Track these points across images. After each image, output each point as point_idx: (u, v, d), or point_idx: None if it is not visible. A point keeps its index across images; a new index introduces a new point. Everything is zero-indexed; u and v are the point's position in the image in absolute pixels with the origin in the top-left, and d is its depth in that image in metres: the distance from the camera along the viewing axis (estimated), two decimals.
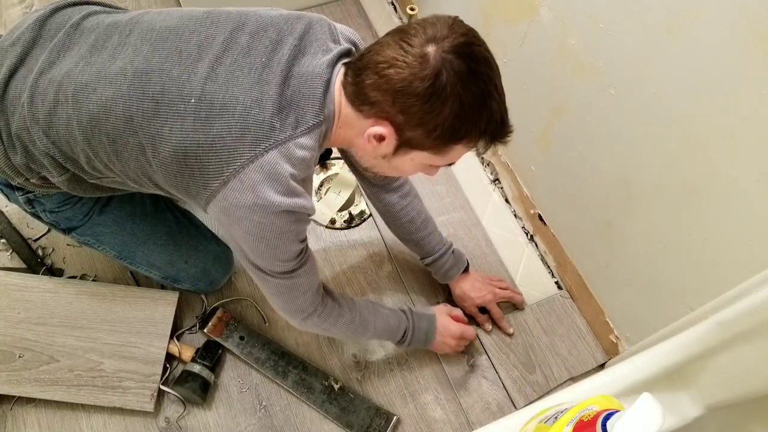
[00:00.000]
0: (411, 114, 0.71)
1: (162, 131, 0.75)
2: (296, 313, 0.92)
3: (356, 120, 0.77)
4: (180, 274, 1.16)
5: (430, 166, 0.82)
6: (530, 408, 0.82)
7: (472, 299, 1.22)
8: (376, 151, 0.78)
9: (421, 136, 0.73)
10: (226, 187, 0.73)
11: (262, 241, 0.77)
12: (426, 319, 1.12)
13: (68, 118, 0.80)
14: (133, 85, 0.76)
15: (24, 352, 1.10)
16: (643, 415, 0.55)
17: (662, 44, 0.83)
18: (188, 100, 0.73)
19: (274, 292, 0.89)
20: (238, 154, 0.72)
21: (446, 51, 0.68)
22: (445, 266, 1.20)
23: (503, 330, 1.25)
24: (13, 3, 1.74)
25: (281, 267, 0.83)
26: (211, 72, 0.74)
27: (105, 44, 0.80)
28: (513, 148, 1.36)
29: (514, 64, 1.22)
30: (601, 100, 0.99)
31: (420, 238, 1.17)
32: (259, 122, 0.72)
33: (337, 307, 0.97)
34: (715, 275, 0.87)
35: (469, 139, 0.75)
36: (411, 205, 1.14)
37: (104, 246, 1.09)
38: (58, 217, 1.02)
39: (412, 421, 1.15)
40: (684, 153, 0.86)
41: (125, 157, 0.80)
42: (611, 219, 1.08)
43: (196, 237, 1.17)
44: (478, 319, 1.25)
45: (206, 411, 1.15)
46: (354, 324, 1.00)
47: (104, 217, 1.06)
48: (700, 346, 0.78)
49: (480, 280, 1.24)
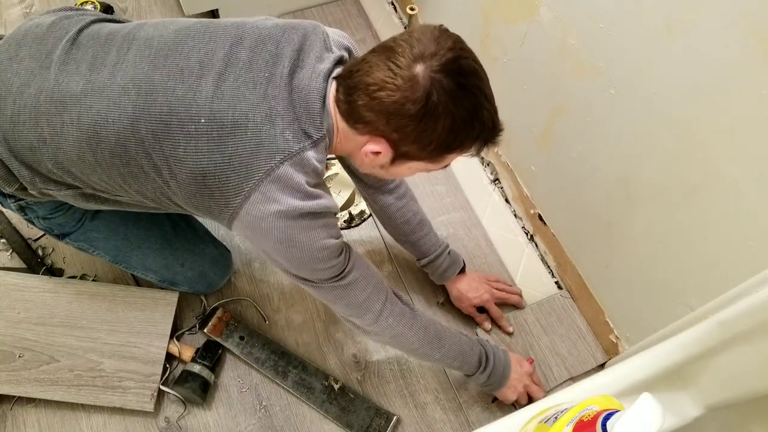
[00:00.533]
0: (406, 133, 0.73)
1: (176, 153, 0.75)
2: (366, 313, 0.89)
3: (352, 135, 0.78)
4: (177, 278, 1.15)
5: (427, 170, 0.84)
6: (530, 408, 0.82)
7: (469, 299, 1.22)
8: (374, 162, 0.80)
9: (416, 150, 0.76)
10: (247, 202, 0.74)
11: (294, 247, 0.78)
12: (501, 351, 1.08)
13: (76, 139, 0.78)
14: (137, 105, 0.75)
15: (24, 352, 1.10)
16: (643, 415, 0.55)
17: (662, 44, 0.83)
18: (198, 121, 0.74)
19: (333, 299, 0.88)
20: (256, 169, 0.73)
21: (435, 70, 0.69)
22: (441, 267, 1.20)
23: (503, 329, 1.25)
24: (13, 3, 1.74)
25: (327, 272, 0.83)
26: (216, 90, 0.74)
27: (104, 61, 0.79)
28: (513, 148, 1.36)
29: (514, 64, 1.22)
30: (601, 100, 0.99)
31: (416, 239, 1.17)
32: (272, 137, 0.73)
33: (408, 309, 0.95)
34: (715, 275, 0.87)
35: (462, 147, 0.77)
36: (407, 207, 1.15)
37: (99, 251, 1.08)
38: (51, 223, 1.02)
39: (412, 421, 1.16)
40: (684, 153, 0.86)
41: (141, 179, 0.80)
42: (611, 219, 1.08)
43: (193, 240, 1.17)
44: (476, 318, 1.25)
45: (206, 411, 1.15)
46: (429, 334, 0.96)
47: (97, 223, 1.05)
48: (700, 346, 0.78)
49: (477, 280, 1.24)
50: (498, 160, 1.43)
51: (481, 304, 1.23)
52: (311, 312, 1.27)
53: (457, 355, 1.00)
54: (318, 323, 1.25)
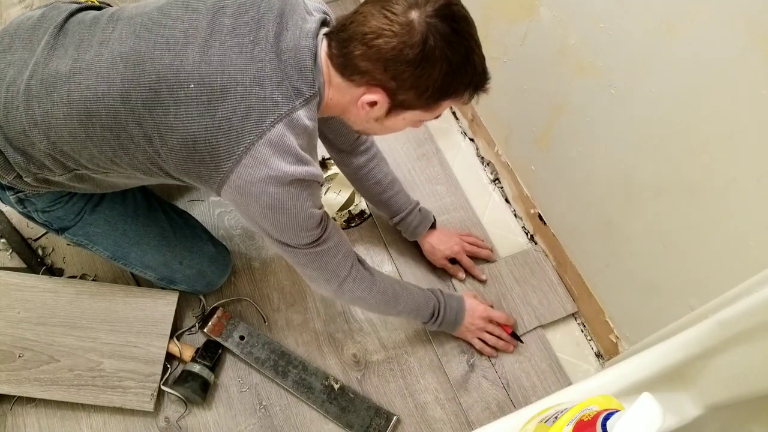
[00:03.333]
0: (403, 79, 0.75)
1: (167, 120, 0.76)
2: (332, 279, 0.94)
3: (347, 89, 0.80)
4: (175, 275, 1.15)
5: (419, 121, 0.87)
6: (530, 408, 0.82)
7: (441, 251, 1.27)
8: (369, 116, 0.82)
9: (413, 98, 0.78)
10: (238, 166, 0.75)
11: (282, 213, 0.80)
12: (455, 300, 1.16)
13: (66, 116, 0.80)
14: (125, 77, 0.77)
15: (24, 352, 1.10)
16: (643, 415, 0.55)
17: (662, 44, 0.83)
18: (187, 86, 0.75)
19: (306, 263, 0.91)
20: (246, 132, 0.74)
21: (429, 15, 0.72)
22: (413, 223, 1.25)
23: (476, 277, 1.30)
24: (13, 2, 1.74)
25: (307, 237, 0.86)
26: (203, 55, 0.76)
27: (90, 42, 0.81)
28: (513, 147, 1.36)
29: (514, 64, 1.22)
30: (601, 100, 0.99)
31: (387, 198, 1.22)
32: (261, 99, 0.75)
33: (369, 275, 1.00)
34: (715, 275, 0.87)
35: (456, 93, 0.79)
36: (378, 168, 1.19)
37: (97, 246, 1.09)
38: (49, 216, 1.02)
39: (412, 421, 1.16)
40: (684, 153, 0.86)
41: (131, 150, 0.81)
42: (611, 219, 1.08)
43: (191, 238, 1.17)
44: (450, 270, 1.30)
45: (206, 411, 1.15)
46: (387, 295, 1.02)
47: (96, 217, 1.06)
48: (700, 346, 0.78)
49: (447, 234, 1.30)
50: (498, 160, 1.43)
51: (453, 256, 1.28)
52: (311, 312, 1.27)
53: (412, 310, 1.09)
54: (318, 323, 1.25)
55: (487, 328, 1.19)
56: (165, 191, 1.38)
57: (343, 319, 1.26)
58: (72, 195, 1.01)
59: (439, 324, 1.13)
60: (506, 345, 1.21)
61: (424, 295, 1.11)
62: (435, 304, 1.11)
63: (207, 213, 1.37)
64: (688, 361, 0.79)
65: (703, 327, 0.78)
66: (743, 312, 0.71)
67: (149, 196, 1.15)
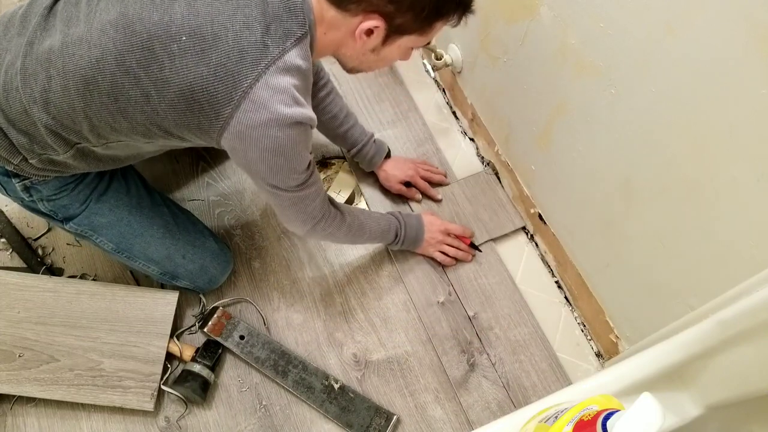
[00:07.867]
0: (401, 1, 0.78)
1: (163, 75, 0.78)
2: (308, 220, 1.00)
3: (343, 21, 0.81)
4: (178, 270, 1.16)
5: (411, 48, 0.90)
6: (530, 408, 0.82)
7: (395, 176, 1.35)
8: (365, 47, 0.85)
9: (410, 20, 0.81)
10: (238, 110, 0.77)
11: (280, 155, 0.82)
12: (414, 218, 1.25)
13: (64, 88, 0.82)
14: (117, 41, 0.78)
15: (24, 352, 1.10)
16: (643, 414, 0.55)
17: (662, 44, 0.83)
18: (179, 39, 0.76)
19: (288, 205, 0.95)
20: (243, 76, 0.76)
21: None
22: (369, 154, 1.32)
23: (432, 197, 1.39)
24: (13, 1, 1.74)
25: (296, 180, 0.89)
26: (189, 8, 0.77)
27: (78, 16, 0.83)
28: (513, 147, 1.36)
29: (514, 63, 1.22)
30: (601, 99, 0.99)
31: (344, 131, 1.28)
32: (253, 43, 0.76)
33: (339, 213, 1.06)
34: (715, 275, 0.87)
35: (448, 14, 0.84)
36: (333, 102, 1.24)
37: (101, 238, 1.09)
38: (55, 205, 1.03)
39: (412, 421, 1.16)
40: (684, 153, 0.86)
41: (130, 112, 0.82)
42: (611, 219, 1.08)
43: (194, 233, 1.18)
44: (406, 194, 1.37)
45: (206, 410, 1.15)
46: (354, 228, 1.09)
47: (101, 206, 1.06)
48: (700, 346, 0.78)
49: (402, 161, 1.38)
50: (498, 160, 1.43)
51: (407, 179, 1.36)
52: (311, 312, 1.27)
53: (377, 236, 1.17)
54: (318, 323, 1.25)
55: (446, 241, 1.27)
56: (166, 188, 1.39)
57: (343, 319, 1.26)
58: (77, 183, 1.03)
59: (402, 243, 1.21)
60: (465, 255, 1.30)
61: (386, 219, 1.18)
62: (396, 226, 1.19)
63: (207, 213, 1.37)
64: (688, 360, 0.79)
65: (703, 327, 0.78)
66: (743, 312, 0.71)
67: (153, 192, 1.16)
